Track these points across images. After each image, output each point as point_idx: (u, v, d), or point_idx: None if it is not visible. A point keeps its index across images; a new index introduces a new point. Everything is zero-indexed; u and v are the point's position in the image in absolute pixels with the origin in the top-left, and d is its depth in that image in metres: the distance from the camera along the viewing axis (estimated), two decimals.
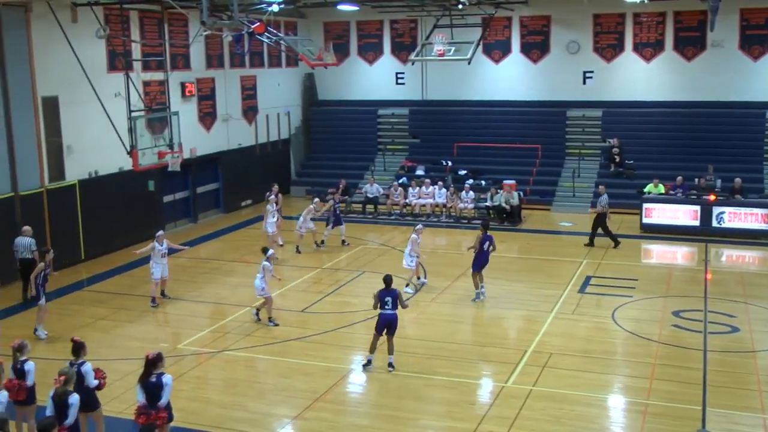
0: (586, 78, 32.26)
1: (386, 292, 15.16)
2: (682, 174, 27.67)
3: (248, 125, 31.89)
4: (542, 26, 32.58)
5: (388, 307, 15.11)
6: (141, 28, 25.37)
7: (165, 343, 16.70)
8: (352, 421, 13.26)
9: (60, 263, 22.45)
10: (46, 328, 17.38)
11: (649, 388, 14.23)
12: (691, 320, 17.72)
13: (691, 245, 24.94)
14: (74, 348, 11.77)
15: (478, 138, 33.01)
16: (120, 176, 24.59)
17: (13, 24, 20.93)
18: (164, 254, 19.45)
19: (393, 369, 15.14)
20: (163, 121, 23.19)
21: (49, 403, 10.77)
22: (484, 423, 12.98)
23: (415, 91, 34.69)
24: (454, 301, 19.44)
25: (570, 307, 18.79)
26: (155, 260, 19.32)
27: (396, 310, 15.18)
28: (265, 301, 17.83)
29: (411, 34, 34.31)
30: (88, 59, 22.85)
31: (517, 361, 15.51)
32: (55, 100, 22.46)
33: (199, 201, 29.39)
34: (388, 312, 15.11)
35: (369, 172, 32.83)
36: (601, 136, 31.88)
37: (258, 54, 31.83)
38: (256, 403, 13.92)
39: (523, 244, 25.32)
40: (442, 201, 29.01)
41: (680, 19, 30.86)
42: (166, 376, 11.29)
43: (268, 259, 17.79)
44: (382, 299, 15.16)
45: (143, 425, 10.28)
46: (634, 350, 16.18)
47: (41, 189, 22.10)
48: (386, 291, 15.16)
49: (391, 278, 15.40)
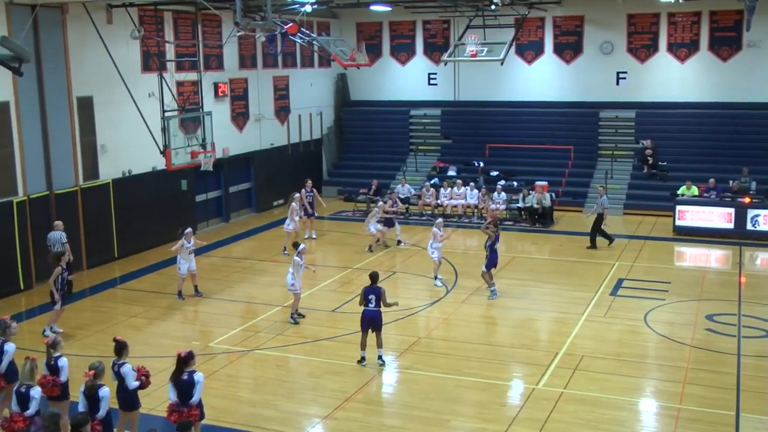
0: (620, 79, 32.01)
1: (370, 289, 15.37)
2: (716, 176, 27.39)
3: (280, 125, 32.01)
4: (575, 26, 32.39)
5: (371, 305, 15.29)
6: (175, 29, 25.55)
7: (196, 341, 16.81)
8: (383, 421, 13.26)
9: (93, 261, 22.77)
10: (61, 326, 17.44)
11: (682, 393, 14.10)
12: (725, 324, 17.52)
13: (725, 248, 24.65)
14: (117, 348, 11.80)
15: (511, 139, 32.89)
16: (153, 176, 24.80)
17: (50, 25, 21.17)
18: (192, 251, 19.77)
19: (383, 363, 15.35)
20: (196, 121, 23.33)
21: (81, 398, 10.91)
22: (514, 425, 12.93)
23: (447, 91, 34.64)
24: (485, 302, 19.37)
25: (602, 310, 18.67)
26: (182, 256, 19.65)
27: (379, 307, 15.30)
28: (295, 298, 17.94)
29: (444, 34, 34.27)
30: (123, 60, 23.04)
31: (548, 364, 15.43)
32: (90, 100, 22.70)
33: (231, 200, 29.54)
34: (369, 309, 15.31)
35: (401, 172, 32.83)
36: (634, 137, 31.65)
37: (291, 54, 31.94)
38: (286, 402, 13.97)
39: (555, 246, 25.19)
40: (474, 202, 28.94)
41: (716, 18, 30.51)
42: (197, 374, 11.36)
43: (299, 253, 17.86)
44: (366, 296, 15.37)
45: (180, 422, 10.33)
46: (667, 354, 16.03)
47: (75, 188, 22.34)
48: (370, 288, 15.38)
49: (377, 275, 15.58)
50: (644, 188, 29.86)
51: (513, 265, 22.79)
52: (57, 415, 10.10)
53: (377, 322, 15.36)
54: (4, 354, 12.68)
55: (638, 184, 30.16)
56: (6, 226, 20.17)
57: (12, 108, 20.31)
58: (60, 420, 10.15)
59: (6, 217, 20.18)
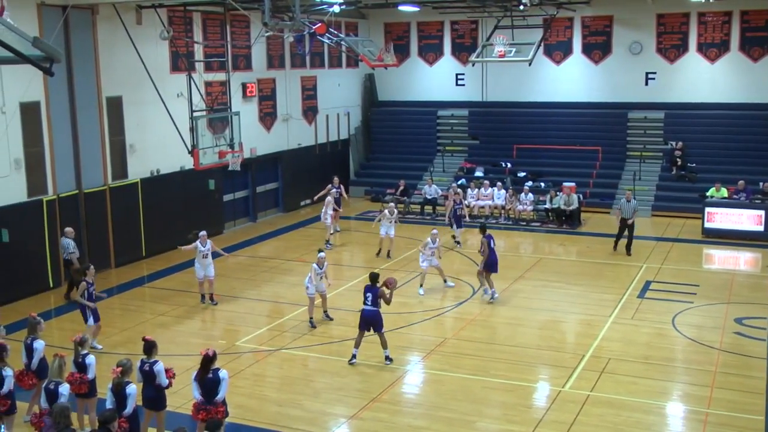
0: (649, 79, 31.79)
1: (368, 288, 15.58)
2: (746, 178, 27.09)
3: (308, 125, 32.09)
4: (604, 26, 32.21)
5: (368, 304, 15.48)
6: (203, 30, 25.70)
7: (223, 340, 16.92)
8: (408, 422, 13.25)
9: (121, 260, 22.96)
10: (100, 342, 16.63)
11: (710, 397, 13.98)
12: (754, 328, 17.34)
13: (754, 251, 24.42)
14: (146, 347, 11.87)
15: (538, 140, 32.78)
16: (181, 175, 24.96)
17: (80, 26, 21.37)
18: (206, 255, 19.30)
19: (390, 362, 15.46)
20: (224, 121, 23.45)
21: (109, 395, 11.01)
22: (540, 427, 12.89)
23: (475, 92, 34.57)
24: (511, 304, 19.32)
25: (629, 312, 18.55)
26: (197, 260, 19.41)
27: (376, 307, 15.43)
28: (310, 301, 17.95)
29: (471, 35, 34.21)
30: (152, 60, 23.21)
31: (575, 366, 15.36)
32: (119, 100, 22.87)
33: (258, 200, 29.66)
34: (366, 308, 15.51)
35: (428, 173, 32.80)
36: (662, 138, 31.43)
37: (318, 54, 32.02)
38: (312, 401, 14.00)
39: (582, 248, 25.06)
40: (501, 203, 28.87)
41: (747, 18, 30.21)
42: (222, 371, 11.45)
43: (319, 260, 17.90)
44: (364, 294, 15.61)
45: (209, 421, 10.35)
46: (695, 357, 15.89)
47: (104, 187, 22.52)
48: (369, 287, 15.59)
49: (377, 276, 15.74)
50: (673, 190, 29.62)
51: (540, 267, 22.72)
52: (67, 408, 10.18)
53: (375, 321, 15.48)
54: (34, 351, 12.83)
55: (667, 185, 29.92)
56: (36, 225, 20.37)
57: (42, 108, 20.51)
58: (70, 413, 10.21)
59: (36, 216, 20.38)
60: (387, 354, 15.50)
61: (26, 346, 12.94)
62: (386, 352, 15.51)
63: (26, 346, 12.94)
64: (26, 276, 20.11)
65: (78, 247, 20.32)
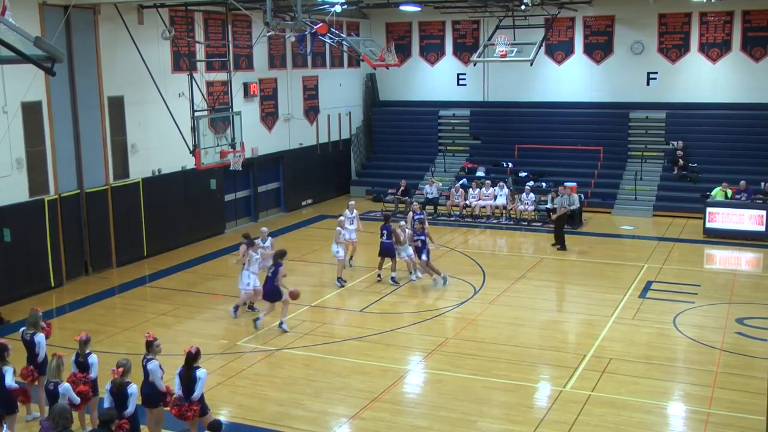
0: (650, 79, 31.78)
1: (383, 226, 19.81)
2: (747, 178, 27.08)
3: (309, 125, 32.10)
4: (606, 26, 32.20)
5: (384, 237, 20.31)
6: (205, 30, 25.70)
7: (224, 340, 16.93)
8: (410, 421, 13.25)
9: (123, 259, 22.97)
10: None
11: (711, 397, 13.98)
12: (756, 328, 17.34)
13: (756, 251, 24.41)
14: (148, 344, 11.90)
15: (540, 140, 32.78)
16: (182, 175, 24.97)
17: (82, 26, 21.38)
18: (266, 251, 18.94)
19: (395, 282, 19.21)
20: (225, 120, 23.45)
21: (107, 395, 10.99)
22: (541, 427, 12.89)
23: (476, 92, 34.57)
24: (513, 304, 19.32)
25: (630, 312, 18.54)
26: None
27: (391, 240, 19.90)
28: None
29: (473, 35, 34.21)
30: (153, 60, 23.23)
31: (576, 366, 15.36)
32: (121, 100, 22.88)
33: (260, 200, 29.66)
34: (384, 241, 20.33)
35: (429, 173, 32.81)
36: (664, 138, 31.43)
37: (320, 54, 32.03)
38: (313, 401, 14.00)
39: (584, 248, 25.04)
40: (503, 203, 28.86)
41: (749, 18, 30.18)
42: (200, 371, 11.46)
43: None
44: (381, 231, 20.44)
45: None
46: (696, 357, 15.89)
47: (106, 186, 22.53)
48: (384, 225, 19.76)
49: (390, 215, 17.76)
50: (674, 190, 29.60)
51: (541, 267, 22.71)
52: (66, 410, 10.17)
53: (390, 252, 20.19)
54: (37, 345, 12.86)
55: (668, 185, 29.91)
56: (38, 224, 20.39)
57: (44, 107, 20.51)
58: (70, 414, 10.20)
59: (38, 216, 20.39)
60: (393, 276, 19.84)
61: (26, 341, 12.96)
62: (393, 274, 19.70)
63: (26, 341, 12.96)
64: (28, 275, 20.12)
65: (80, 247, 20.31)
